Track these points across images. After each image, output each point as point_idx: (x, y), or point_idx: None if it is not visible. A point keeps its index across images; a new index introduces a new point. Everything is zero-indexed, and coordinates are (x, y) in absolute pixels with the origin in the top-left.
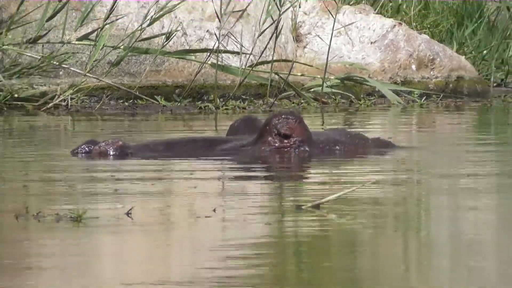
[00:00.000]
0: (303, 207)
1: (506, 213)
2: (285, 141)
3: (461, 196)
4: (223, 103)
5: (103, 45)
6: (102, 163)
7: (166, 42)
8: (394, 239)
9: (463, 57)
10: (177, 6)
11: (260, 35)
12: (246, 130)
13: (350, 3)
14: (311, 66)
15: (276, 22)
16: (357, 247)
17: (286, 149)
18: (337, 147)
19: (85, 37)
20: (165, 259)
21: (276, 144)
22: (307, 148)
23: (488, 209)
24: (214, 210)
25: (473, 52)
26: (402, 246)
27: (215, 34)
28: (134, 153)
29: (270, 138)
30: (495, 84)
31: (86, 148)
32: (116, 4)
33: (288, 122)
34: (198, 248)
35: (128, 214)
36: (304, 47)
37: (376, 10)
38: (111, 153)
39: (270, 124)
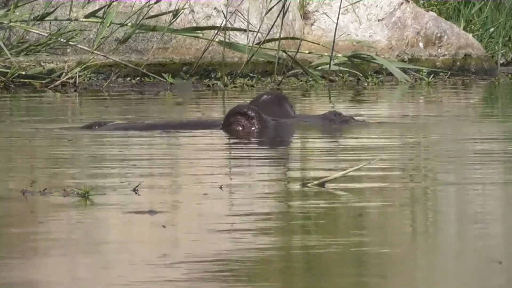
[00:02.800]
0: (308, 185)
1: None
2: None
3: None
4: (231, 80)
5: (111, 22)
6: (108, 139)
7: (173, 20)
8: (402, 217)
9: (470, 35)
10: None
11: (268, 13)
12: (272, 109)
13: None
14: (319, 44)
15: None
16: (364, 226)
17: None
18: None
19: (93, 14)
20: (172, 237)
21: None
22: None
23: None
24: (221, 188)
25: (480, 29)
26: (410, 224)
27: (223, 11)
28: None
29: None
30: (502, 62)
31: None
32: None
33: (239, 120)
34: (205, 225)
35: (135, 190)
36: (312, 24)
37: None
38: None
39: (227, 119)
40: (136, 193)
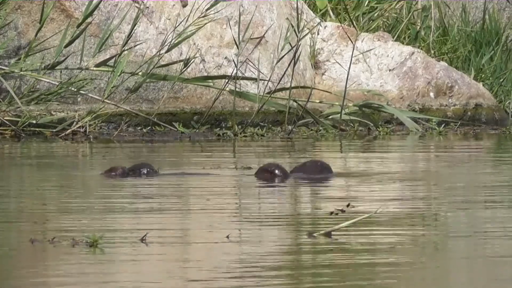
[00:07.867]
0: (314, 234)
1: None
2: None
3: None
4: (242, 130)
5: (121, 71)
6: (119, 188)
7: (184, 69)
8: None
9: (481, 84)
10: (195, 31)
11: (278, 62)
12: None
13: (369, 30)
14: (330, 92)
15: (294, 49)
16: (371, 277)
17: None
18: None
19: (103, 63)
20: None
21: None
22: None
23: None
24: (227, 237)
25: (490, 78)
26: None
27: (233, 60)
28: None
29: None
30: None
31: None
32: (134, 30)
33: (264, 177)
34: (214, 275)
35: (142, 240)
36: (323, 74)
37: (395, 37)
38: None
39: (255, 176)
40: (144, 242)
